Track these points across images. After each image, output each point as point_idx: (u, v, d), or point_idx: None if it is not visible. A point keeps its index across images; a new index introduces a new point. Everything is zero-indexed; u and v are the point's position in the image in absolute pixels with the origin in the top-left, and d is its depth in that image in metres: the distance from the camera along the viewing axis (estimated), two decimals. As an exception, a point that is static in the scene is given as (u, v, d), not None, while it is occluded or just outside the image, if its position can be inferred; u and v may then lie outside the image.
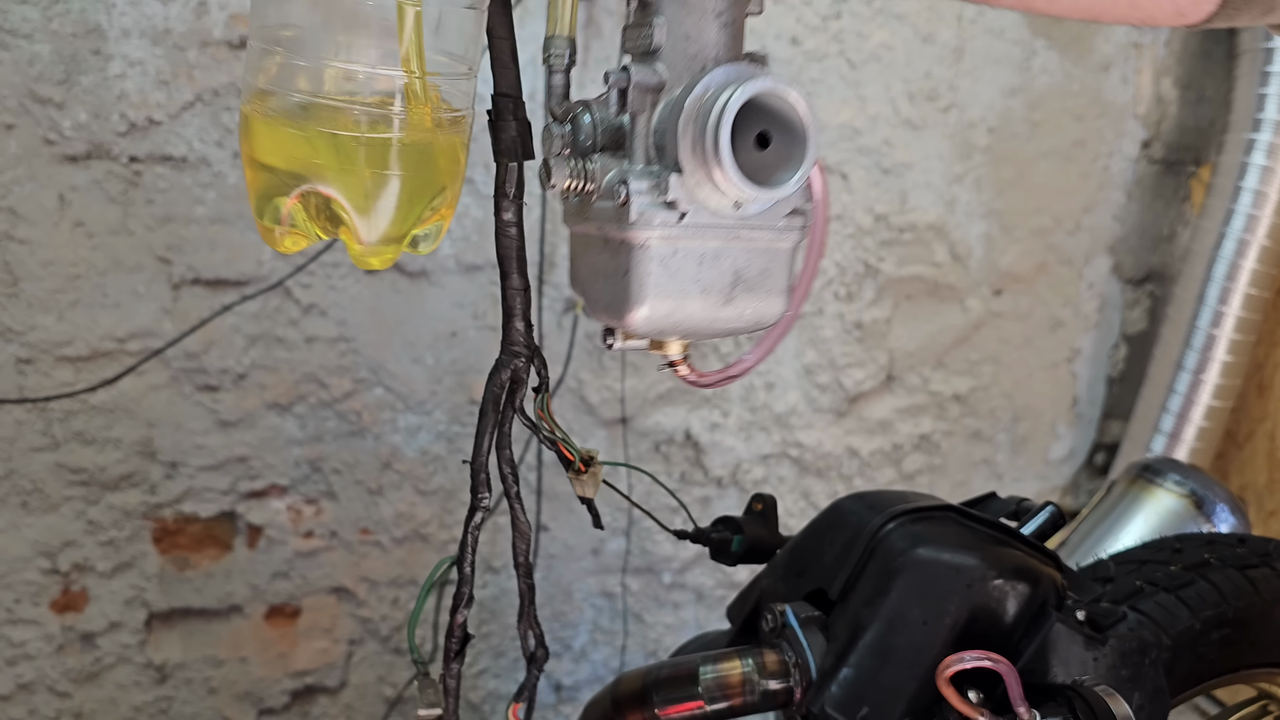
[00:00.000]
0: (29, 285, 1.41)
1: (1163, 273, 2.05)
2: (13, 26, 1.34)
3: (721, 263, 0.48)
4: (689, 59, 0.48)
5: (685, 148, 0.46)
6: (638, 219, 0.46)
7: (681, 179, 0.46)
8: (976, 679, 0.61)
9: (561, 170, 0.48)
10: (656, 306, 0.48)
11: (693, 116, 0.46)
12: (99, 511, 1.50)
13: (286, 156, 0.52)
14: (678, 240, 0.47)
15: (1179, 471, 1.13)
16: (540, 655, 0.58)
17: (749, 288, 0.49)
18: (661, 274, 0.47)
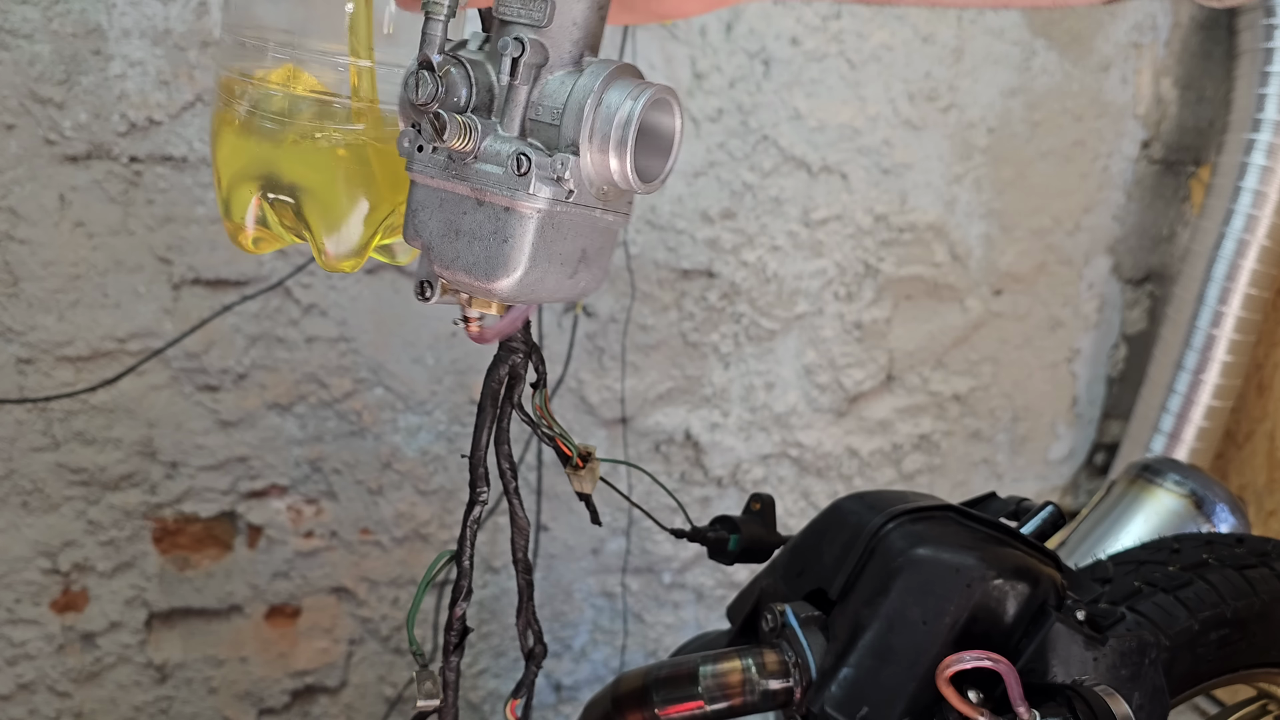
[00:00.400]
0: (29, 285, 1.41)
1: (1162, 273, 2.05)
2: (13, 27, 1.34)
3: (579, 239, 0.51)
4: (571, 44, 0.50)
5: (585, 136, 0.49)
6: (535, 191, 0.49)
7: (575, 162, 0.49)
8: (976, 679, 0.61)
9: (454, 126, 0.49)
10: (528, 275, 0.50)
11: (596, 108, 0.49)
12: (99, 511, 1.50)
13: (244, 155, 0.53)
14: (558, 215, 0.50)
15: (1179, 471, 1.13)
16: (538, 652, 0.59)
17: (588, 263, 0.53)
18: (539, 244, 0.50)
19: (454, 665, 0.58)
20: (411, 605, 0.57)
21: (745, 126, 1.69)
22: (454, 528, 1.68)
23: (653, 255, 1.69)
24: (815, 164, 1.74)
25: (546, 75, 0.50)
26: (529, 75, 0.50)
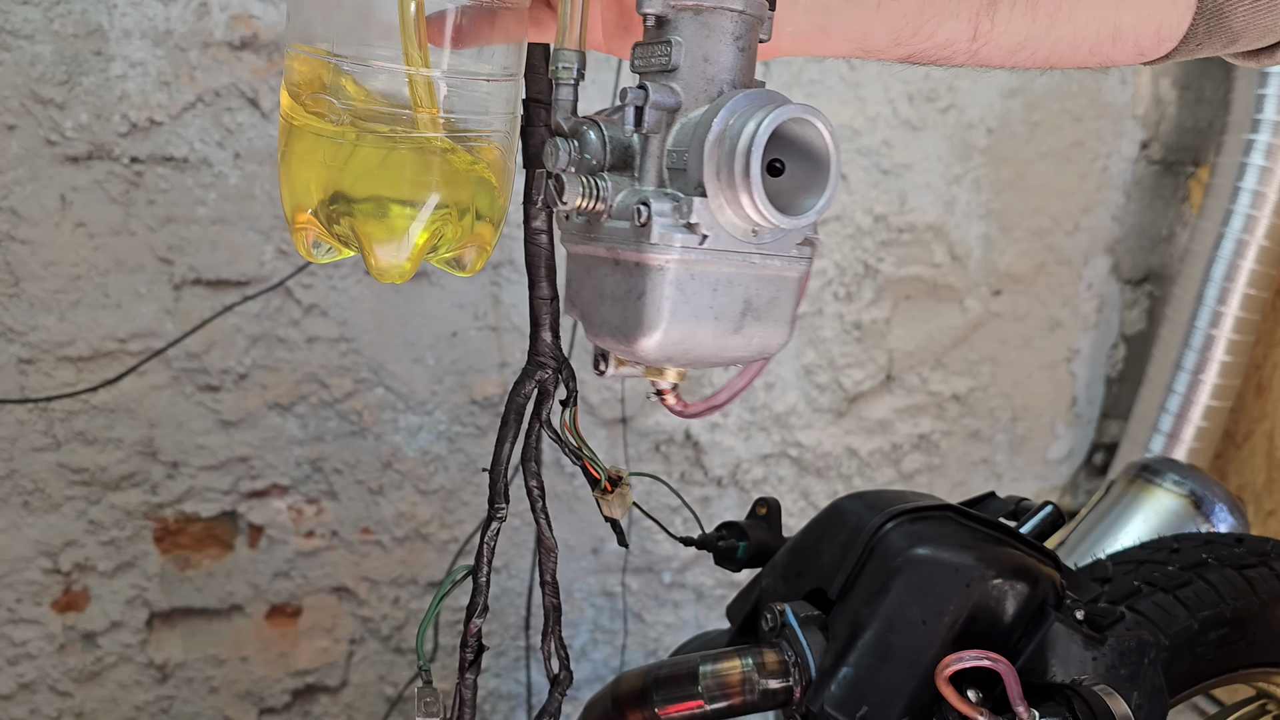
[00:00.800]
0: (30, 285, 1.41)
1: (1161, 273, 2.05)
2: (14, 27, 1.34)
3: (734, 290, 0.47)
4: (705, 81, 0.47)
5: (710, 172, 0.45)
6: (659, 240, 0.45)
7: (705, 203, 0.45)
8: (975, 678, 0.61)
9: (575, 187, 0.46)
10: (670, 332, 0.47)
11: (719, 141, 0.45)
12: (100, 511, 1.50)
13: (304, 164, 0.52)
14: (695, 265, 0.46)
15: (1178, 471, 1.14)
16: (564, 678, 0.58)
17: (758, 316, 0.48)
18: (678, 298, 0.46)
19: (470, 682, 0.57)
20: (423, 620, 0.56)
21: (745, 127, 1.69)
22: (454, 528, 1.68)
23: (653, 255, 1.69)
24: (815, 164, 1.74)
25: (681, 119, 0.47)
26: (659, 123, 0.47)
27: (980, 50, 0.54)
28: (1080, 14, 0.54)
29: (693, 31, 0.47)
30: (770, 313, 0.49)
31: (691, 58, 0.47)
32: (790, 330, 0.50)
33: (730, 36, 0.47)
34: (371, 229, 0.52)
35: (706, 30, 0.47)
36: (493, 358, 1.64)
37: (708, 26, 0.47)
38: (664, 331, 0.47)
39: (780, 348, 0.50)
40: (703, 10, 0.47)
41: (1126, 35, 0.56)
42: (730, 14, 0.47)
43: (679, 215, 0.46)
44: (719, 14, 0.47)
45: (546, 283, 0.55)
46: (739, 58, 0.48)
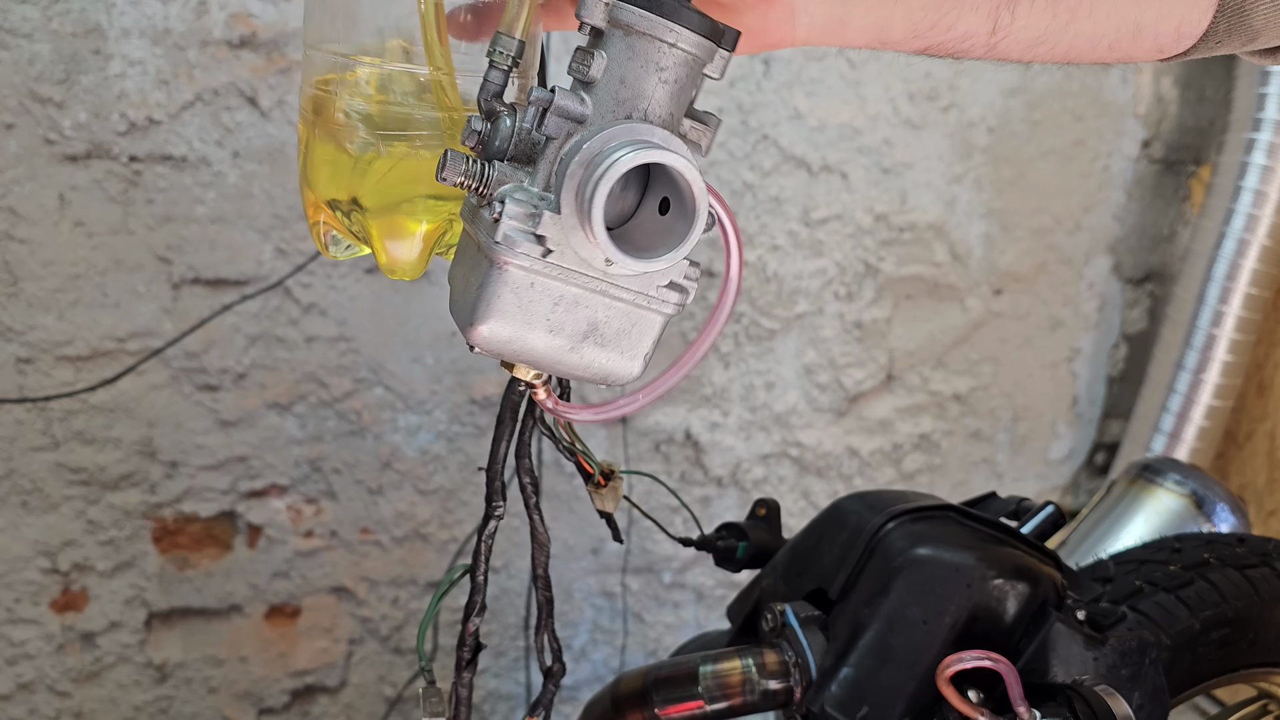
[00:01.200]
0: (29, 285, 1.41)
1: (1163, 272, 2.05)
2: (13, 26, 1.34)
3: (578, 310, 0.47)
4: (617, 103, 0.47)
5: (569, 190, 0.45)
6: (503, 240, 0.46)
7: (558, 219, 0.45)
8: (976, 678, 0.61)
9: (457, 165, 0.47)
10: (497, 330, 0.47)
11: (585, 162, 0.45)
12: (99, 511, 1.50)
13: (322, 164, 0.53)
14: (537, 274, 0.46)
15: (1179, 471, 1.13)
16: (557, 670, 0.58)
17: (601, 342, 0.48)
18: (512, 300, 0.47)
19: (466, 681, 0.57)
20: (424, 619, 0.56)
21: (745, 126, 1.69)
22: (454, 527, 1.68)
23: (653, 255, 1.69)
24: (815, 163, 1.74)
25: (583, 132, 0.47)
26: (559, 129, 0.46)
27: (999, 44, 0.54)
28: (1101, 10, 0.53)
29: (618, 50, 0.47)
30: (617, 343, 0.49)
31: (609, 76, 0.47)
32: (640, 365, 0.50)
33: (654, 66, 0.47)
34: (386, 227, 0.52)
35: (631, 54, 0.47)
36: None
37: (633, 50, 0.47)
38: (490, 327, 0.47)
39: (626, 379, 0.50)
40: (632, 33, 0.46)
41: (1147, 32, 0.55)
42: (660, 44, 0.47)
43: (531, 223, 0.46)
44: (647, 41, 0.47)
45: None
46: (659, 89, 0.47)
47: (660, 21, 0.46)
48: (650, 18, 0.46)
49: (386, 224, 0.53)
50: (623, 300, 0.48)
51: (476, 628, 0.56)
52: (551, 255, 0.46)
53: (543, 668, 0.58)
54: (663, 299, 0.49)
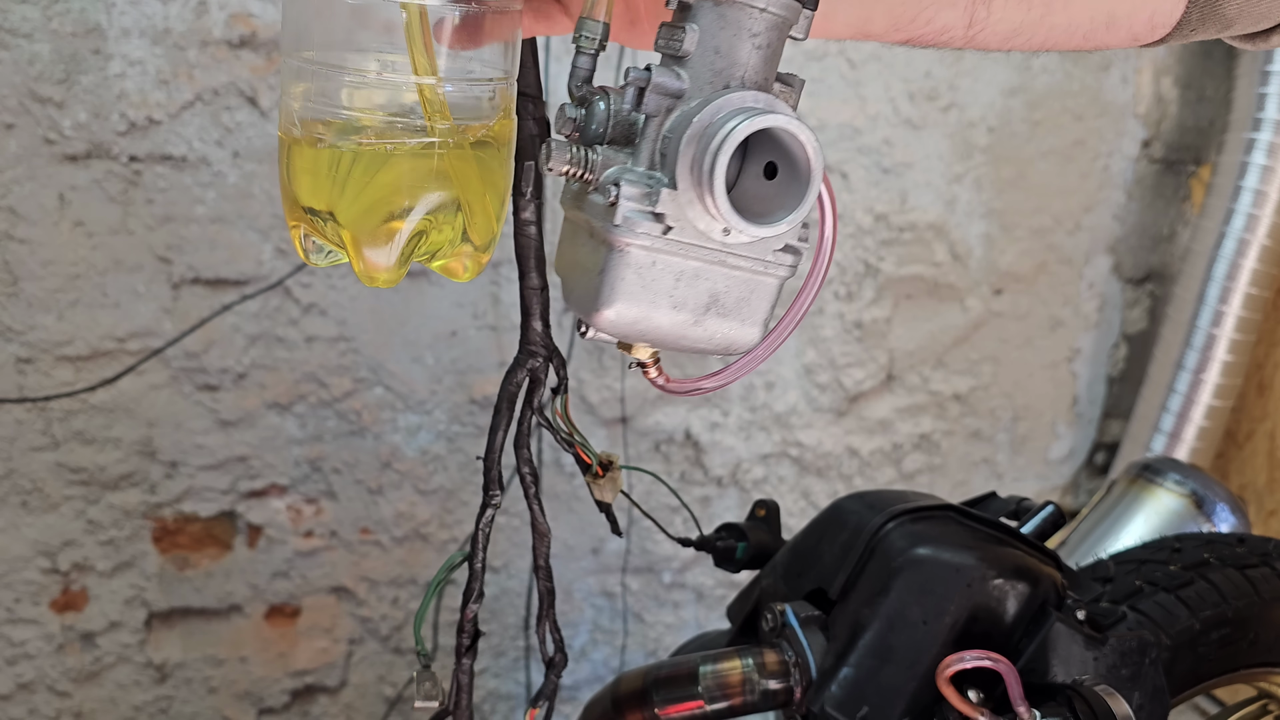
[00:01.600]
0: (29, 285, 1.41)
1: (1163, 272, 2.05)
2: (13, 26, 1.34)
3: (699, 283, 0.48)
4: (714, 73, 0.47)
5: (684, 165, 0.45)
6: (622, 223, 0.46)
7: (674, 194, 0.46)
8: (976, 678, 0.61)
9: (562, 154, 0.47)
10: (623, 312, 0.47)
11: (697, 135, 0.45)
12: (99, 511, 1.50)
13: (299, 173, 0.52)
14: (658, 252, 0.47)
15: (1179, 471, 1.13)
16: (559, 661, 0.58)
17: (723, 313, 0.49)
18: (635, 282, 0.47)
19: (466, 668, 0.58)
20: (420, 605, 0.56)
21: (745, 126, 1.69)
22: (454, 527, 1.68)
23: (653, 255, 1.68)
24: (815, 163, 1.74)
25: (683, 106, 0.47)
26: (659, 106, 0.47)
27: (976, 36, 0.55)
28: (1075, 3, 0.55)
29: (710, 21, 0.47)
30: (738, 311, 0.49)
31: (703, 48, 0.47)
32: (760, 332, 0.50)
33: (747, 33, 0.47)
34: (362, 236, 0.52)
35: (723, 23, 0.47)
36: (492, 357, 1.64)
37: (724, 19, 0.47)
38: (616, 310, 0.47)
39: (747, 347, 0.51)
40: (723, 2, 0.47)
41: (1120, 23, 0.57)
42: (751, 10, 0.47)
43: (648, 201, 0.46)
44: (739, 8, 0.47)
45: (536, 273, 0.55)
46: (753, 55, 0.47)
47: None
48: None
49: (362, 233, 0.52)
50: (741, 268, 0.48)
51: (475, 614, 0.57)
52: (671, 231, 0.46)
53: (545, 659, 0.58)
54: (779, 262, 0.49)
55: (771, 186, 0.46)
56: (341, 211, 0.51)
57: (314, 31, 0.51)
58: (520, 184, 0.53)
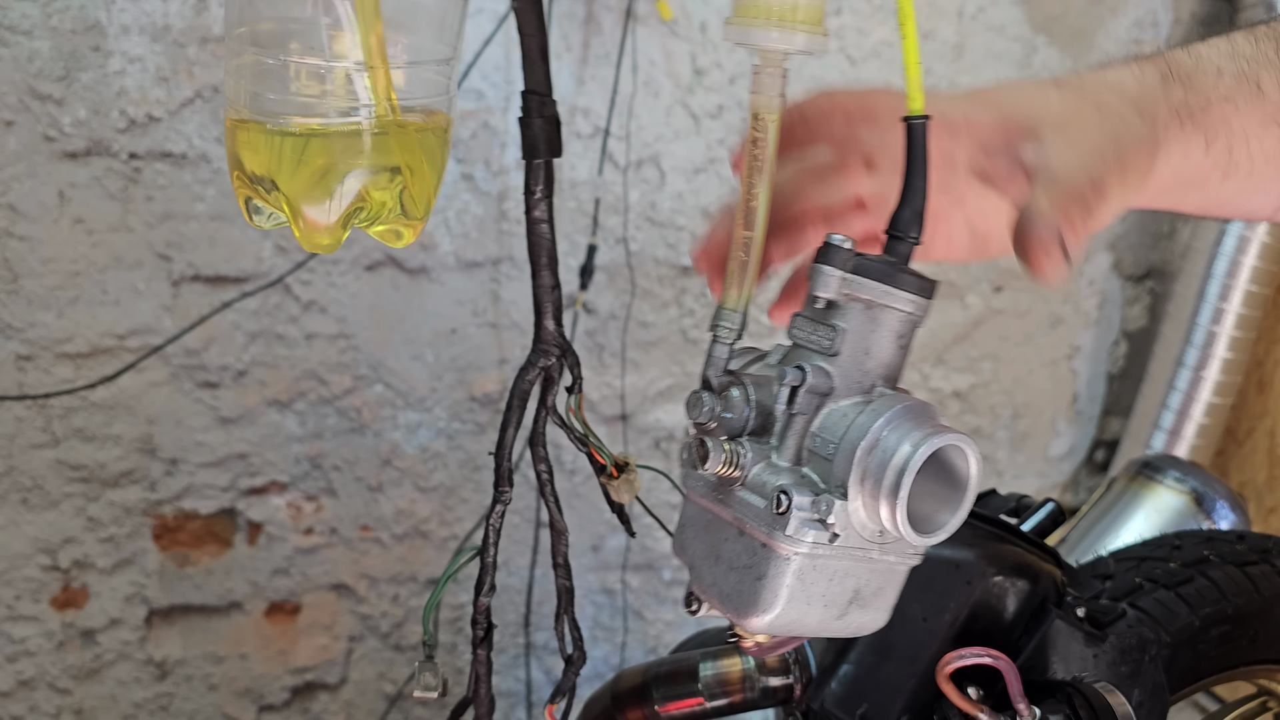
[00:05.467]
0: (29, 282, 1.41)
1: (1163, 269, 2.05)
2: (12, 23, 1.33)
3: (847, 580, 0.48)
4: (861, 373, 0.48)
5: (856, 477, 0.45)
6: (794, 534, 0.46)
7: (844, 505, 0.46)
8: (976, 676, 0.61)
9: (718, 455, 0.47)
10: (782, 616, 0.47)
11: (870, 449, 0.45)
12: (99, 508, 1.50)
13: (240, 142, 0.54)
14: (820, 559, 0.47)
15: (1179, 469, 1.13)
16: (577, 658, 0.58)
17: (863, 604, 0.49)
18: (797, 587, 0.47)
19: (483, 658, 0.58)
20: (431, 595, 0.56)
21: (746, 123, 1.69)
22: (454, 525, 1.68)
23: (653, 252, 1.69)
24: (815, 160, 1.74)
25: (831, 404, 0.47)
26: (809, 405, 0.47)
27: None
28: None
29: (859, 322, 0.47)
30: (874, 601, 0.50)
31: (853, 348, 0.47)
32: (888, 616, 0.51)
33: (894, 334, 0.48)
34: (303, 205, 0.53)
35: (874, 325, 0.47)
36: (492, 354, 1.63)
37: (875, 321, 0.47)
38: (777, 615, 0.47)
39: (874, 630, 0.52)
40: (874, 305, 0.47)
41: None
42: (899, 313, 0.48)
43: (816, 510, 0.46)
44: (888, 312, 0.47)
45: (549, 271, 0.54)
46: (896, 355, 0.48)
47: (903, 295, 0.47)
48: (894, 292, 0.47)
49: (302, 202, 0.53)
50: (882, 563, 0.49)
51: (488, 606, 0.57)
52: (838, 540, 0.46)
53: (564, 656, 0.58)
54: (915, 552, 0.50)
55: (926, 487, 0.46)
56: (282, 181, 0.52)
57: (255, 4, 0.52)
58: (530, 182, 0.53)
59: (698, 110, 1.66)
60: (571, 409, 0.55)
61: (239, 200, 0.55)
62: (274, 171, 0.52)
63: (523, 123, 0.52)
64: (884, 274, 0.47)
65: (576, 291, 1.63)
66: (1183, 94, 0.55)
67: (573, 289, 1.64)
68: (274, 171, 0.52)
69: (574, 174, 1.61)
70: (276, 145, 0.51)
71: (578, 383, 0.55)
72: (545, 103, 0.52)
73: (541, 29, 0.51)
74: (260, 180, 0.53)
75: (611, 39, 1.57)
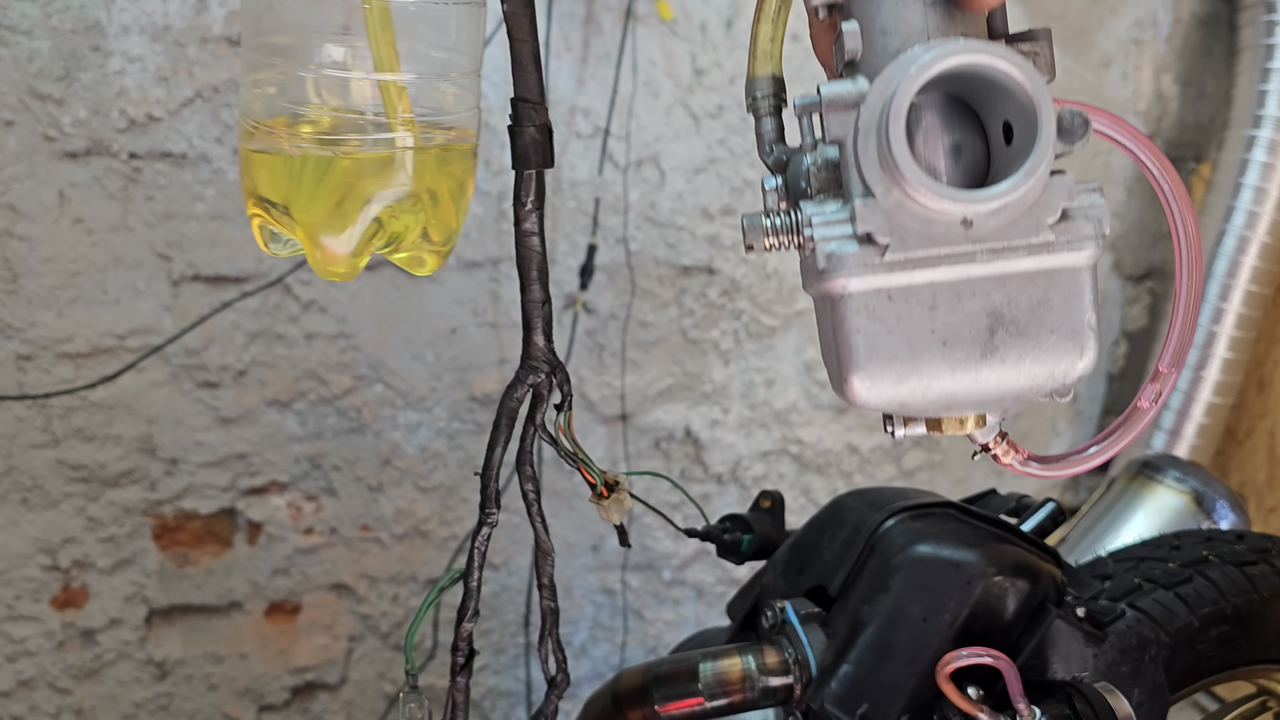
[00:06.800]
0: (29, 282, 1.41)
1: (1163, 269, 2.05)
2: (12, 23, 1.33)
3: (965, 302, 0.37)
4: (890, 57, 0.38)
5: (870, 161, 0.36)
6: (828, 265, 0.37)
7: (874, 203, 0.36)
8: (976, 675, 0.61)
9: (755, 229, 0.38)
10: (876, 373, 0.37)
11: (874, 118, 0.36)
12: (99, 508, 1.50)
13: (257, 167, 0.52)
14: (890, 282, 0.37)
15: (1179, 468, 1.13)
16: (560, 680, 0.57)
17: (1019, 331, 0.37)
18: (876, 330, 0.37)
19: (461, 686, 0.56)
20: (411, 625, 0.55)
21: (746, 123, 1.69)
22: (454, 524, 1.68)
23: (653, 252, 1.69)
24: (815, 160, 1.74)
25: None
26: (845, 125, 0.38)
27: None
28: None
29: (863, 6, 0.39)
30: (1040, 322, 0.37)
31: (869, 36, 0.39)
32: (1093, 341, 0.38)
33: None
34: (318, 229, 0.51)
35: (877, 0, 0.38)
36: (492, 354, 1.63)
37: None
38: (866, 373, 0.38)
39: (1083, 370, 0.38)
40: None
41: None
42: None
43: (847, 226, 0.37)
44: None
45: (539, 285, 0.53)
46: (929, 16, 0.38)
47: None
48: None
49: (318, 229, 0.51)
50: (1016, 265, 0.36)
51: (470, 633, 0.55)
52: (891, 249, 0.36)
53: (547, 677, 0.58)
54: (1070, 236, 0.36)
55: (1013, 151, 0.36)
56: (297, 207, 0.50)
57: (271, 21, 0.50)
58: (521, 193, 0.52)
59: (698, 110, 1.66)
60: (561, 427, 0.54)
61: (253, 226, 0.53)
62: (290, 195, 0.50)
63: (513, 132, 0.51)
64: None
65: (577, 291, 1.63)
66: None
67: (573, 289, 1.64)
68: (290, 195, 0.50)
69: (574, 174, 1.62)
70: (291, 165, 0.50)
71: (567, 400, 0.54)
72: (537, 111, 0.51)
73: (534, 34, 0.50)
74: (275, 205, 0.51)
75: (611, 39, 1.57)
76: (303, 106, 0.49)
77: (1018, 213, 0.35)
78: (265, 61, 0.50)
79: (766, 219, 0.39)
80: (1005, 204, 0.34)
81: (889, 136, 0.34)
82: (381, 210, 0.50)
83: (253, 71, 0.50)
